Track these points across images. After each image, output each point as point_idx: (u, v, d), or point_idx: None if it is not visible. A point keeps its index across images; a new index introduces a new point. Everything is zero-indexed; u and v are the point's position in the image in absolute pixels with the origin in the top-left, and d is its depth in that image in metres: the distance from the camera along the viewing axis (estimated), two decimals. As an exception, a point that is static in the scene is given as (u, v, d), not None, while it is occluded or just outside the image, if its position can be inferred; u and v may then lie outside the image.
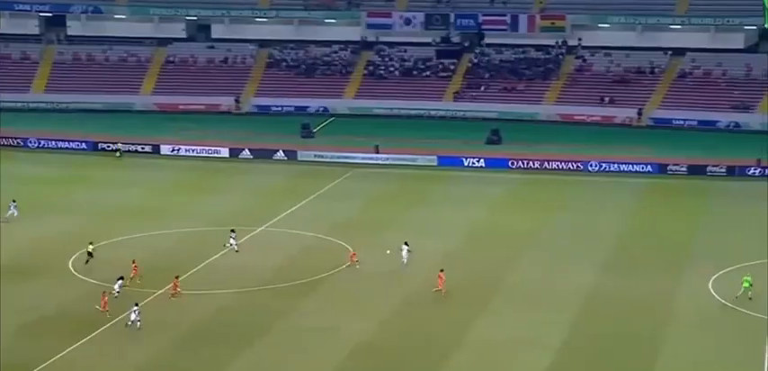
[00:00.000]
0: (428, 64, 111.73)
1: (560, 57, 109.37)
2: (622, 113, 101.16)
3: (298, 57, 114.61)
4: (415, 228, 67.57)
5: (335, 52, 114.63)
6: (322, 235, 65.36)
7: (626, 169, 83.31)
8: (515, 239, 64.38)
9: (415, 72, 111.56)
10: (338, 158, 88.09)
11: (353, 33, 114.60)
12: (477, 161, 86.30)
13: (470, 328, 50.13)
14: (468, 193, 77.75)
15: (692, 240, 64.08)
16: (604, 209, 72.81)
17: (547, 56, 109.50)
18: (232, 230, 62.78)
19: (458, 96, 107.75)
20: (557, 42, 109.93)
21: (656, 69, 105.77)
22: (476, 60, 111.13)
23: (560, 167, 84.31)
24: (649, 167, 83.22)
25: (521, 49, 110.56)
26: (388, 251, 59.87)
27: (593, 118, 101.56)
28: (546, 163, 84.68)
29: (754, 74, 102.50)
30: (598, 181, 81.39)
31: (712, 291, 54.79)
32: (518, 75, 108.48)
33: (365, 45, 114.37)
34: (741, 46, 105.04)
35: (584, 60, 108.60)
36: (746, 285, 53.66)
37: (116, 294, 52.73)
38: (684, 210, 72.46)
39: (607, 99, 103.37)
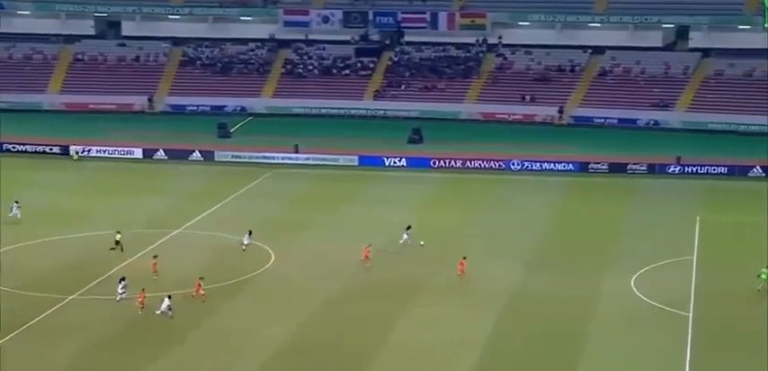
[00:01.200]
0: (347, 62, 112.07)
1: (481, 55, 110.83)
2: (543, 112, 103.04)
3: (213, 55, 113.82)
4: (337, 228, 67.87)
5: (252, 50, 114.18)
6: (242, 237, 65.09)
7: (548, 168, 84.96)
8: (438, 239, 65.04)
9: (334, 71, 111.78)
10: (257, 158, 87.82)
11: (270, 31, 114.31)
12: (399, 161, 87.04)
13: (395, 328, 50.59)
14: (390, 193, 78.36)
15: (614, 238, 65.57)
16: (527, 208, 74.12)
17: (467, 54, 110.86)
18: (250, 232, 62.66)
19: (378, 95, 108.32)
20: (477, 40, 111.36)
21: (577, 67, 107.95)
22: (396, 59, 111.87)
23: (482, 166, 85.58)
24: (571, 165, 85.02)
25: (441, 48, 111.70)
26: (422, 242, 62.32)
27: (515, 116, 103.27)
28: (468, 162, 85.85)
29: (672, 72, 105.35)
30: (520, 180, 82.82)
31: (635, 289, 56.16)
32: (439, 73, 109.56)
33: (283, 43, 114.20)
34: (659, 44, 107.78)
35: (505, 58, 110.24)
36: (764, 276, 55.23)
37: (119, 298, 52.45)
38: (606, 208, 74.15)
39: (528, 97, 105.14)
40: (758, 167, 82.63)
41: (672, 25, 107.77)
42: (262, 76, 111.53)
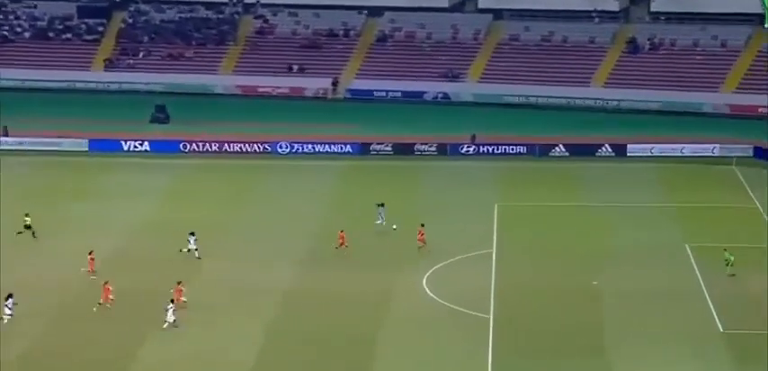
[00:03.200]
0: (68, 24, 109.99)
1: (236, 17, 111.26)
2: (315, 84, 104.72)
3: None
4: (66, 227, 66.69)
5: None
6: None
7: (322, 150, 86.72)
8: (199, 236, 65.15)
9: (51, 34, 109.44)
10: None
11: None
12: (141, 145, 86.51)
13: (144, 343, 50.57)
14: (131, 183, 77.84)
15: (403, 229, 67.50)
16: (299, 197, 75.39)
17: (220, 16, 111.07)
18: (191, 233, 60.92)
19: (110, 65, 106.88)
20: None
21: (351, 32, 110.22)
22: (130, 20, 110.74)
23: (244, 149, 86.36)
24: (349, 146, 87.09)
25: (187, 8, 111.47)
26: (395, 227, 65.47)
27: (281, 91, 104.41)
28: (226, 145, 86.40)
29: (461, 37, 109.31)
30: (290, 165, 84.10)
31: (427, 289, 58.34)
32: (186, 38, 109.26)
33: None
34: (445, 5, 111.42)
35: (266, 21, 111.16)
36: (730, 265, 58.70)
37: (7, 319, 50.73)
38: (392, 196, 75.80)
39: (296, 67, 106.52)
40: (561, 146, 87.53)
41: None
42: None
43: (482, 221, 69.25)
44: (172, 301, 52.56)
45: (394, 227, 66.44)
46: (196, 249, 61.63)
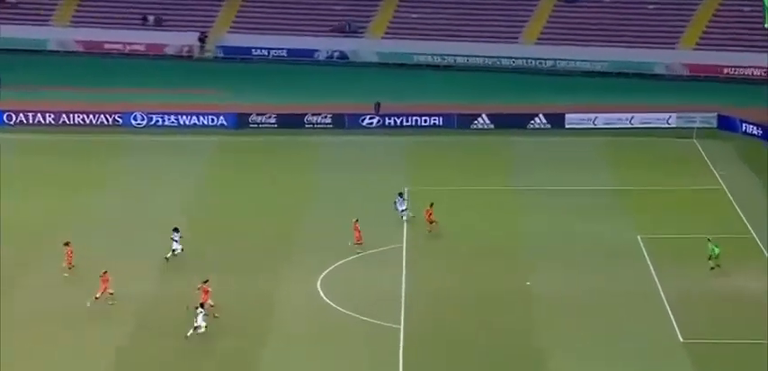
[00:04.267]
0: None
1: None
2: (177, 40, 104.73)
3: None
4: None
5: None
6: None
7: (188, 123, 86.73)
8: (25, 237, 64.72)
9: None
10: None
11: None
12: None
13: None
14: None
15: (291, 220, 67.78)
16: (159, 181, 75.25)
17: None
18: (175, 229, 61.53)
19: None
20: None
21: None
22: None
23: (88, 121, 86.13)
24: (222, 118, 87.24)
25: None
26: (412, 214, 67.07)
27: (135, 48, 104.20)
28: (64, 116, 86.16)
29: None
30: (146, 140, 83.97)
31: (322, 293, 58.55)
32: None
33: None
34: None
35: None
36: (714, 252, 59.67)
37: None
38: (277, 178, 76.36)
39: (152, 19, 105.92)
40: (484, 116, 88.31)
41: None
42: None
43: (389, 210, 69.44)
44: (201, 305, 52.90)
45: (411, 215, 67.38)
46: (174, 249, 61.72)
